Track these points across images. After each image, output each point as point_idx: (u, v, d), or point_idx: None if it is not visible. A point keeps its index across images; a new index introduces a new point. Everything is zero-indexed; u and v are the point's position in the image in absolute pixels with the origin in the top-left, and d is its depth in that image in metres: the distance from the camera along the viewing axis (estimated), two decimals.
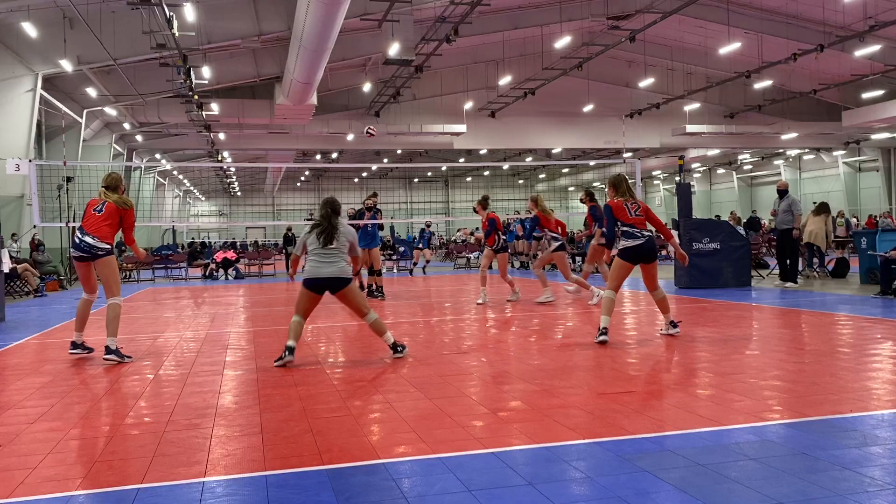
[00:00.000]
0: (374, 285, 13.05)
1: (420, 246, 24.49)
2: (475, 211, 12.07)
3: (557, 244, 10.88)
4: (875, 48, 24.68)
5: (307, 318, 6.57)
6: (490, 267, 11.83)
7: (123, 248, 24.80)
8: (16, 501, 3.12)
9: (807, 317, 8.76)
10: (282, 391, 5.20)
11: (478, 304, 11.30)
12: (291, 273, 7.22)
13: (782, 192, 13.68)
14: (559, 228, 11.24)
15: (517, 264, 22.97)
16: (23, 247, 19.07)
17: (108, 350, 6.57)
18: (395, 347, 6.52)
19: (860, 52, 24.78)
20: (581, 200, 11.90)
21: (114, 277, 6.79)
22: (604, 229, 10.05)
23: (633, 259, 7.01)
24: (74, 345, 6.97)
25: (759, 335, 7.49)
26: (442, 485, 3.18)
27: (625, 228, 7.03)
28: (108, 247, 6.71)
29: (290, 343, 6.29)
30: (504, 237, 11.87)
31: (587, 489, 3.10)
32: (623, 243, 7.02)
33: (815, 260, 15.53)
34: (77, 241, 6.79)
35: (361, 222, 12.85)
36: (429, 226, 26.01)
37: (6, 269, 11.51)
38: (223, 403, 4.86)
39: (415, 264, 23.45)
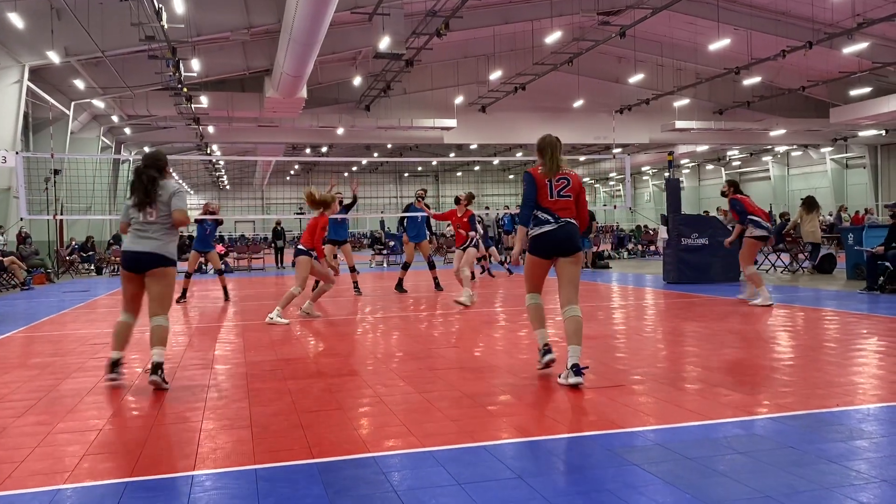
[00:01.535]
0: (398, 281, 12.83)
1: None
2: (457, 202, 11.27)
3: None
4: (863, 45, 24.83)
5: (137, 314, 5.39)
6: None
7: (111, 241, 24.67)
8: (4, 495, 3.11)
9: (794, 312, 8.82)
10: (271, 385, 5.19)
11: (464, 305, 9.94)
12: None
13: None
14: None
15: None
16: (9, 240, 18.92)
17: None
18: (155, 368, 5.06)
19: (848, 50, 24.91)
20: (722, 193, 10.38)
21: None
22: (754, 220, 9.32)
23: (544, 252, 5.17)
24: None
25: (747, 330, 7.53)
26: (431, 478, 3.18)
27: (539, 213, 5.16)
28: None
29: (117, 354, 5.17)
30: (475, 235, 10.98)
31: (576, 482, 3.11)
32: (532, 231, 5.20)
33: (803, 256, 15.64)
34: None
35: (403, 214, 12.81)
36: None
37: None
38: (212, 397, 4.85)
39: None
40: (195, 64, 22.60)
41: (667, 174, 15.60)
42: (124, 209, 5.33)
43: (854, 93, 30.97)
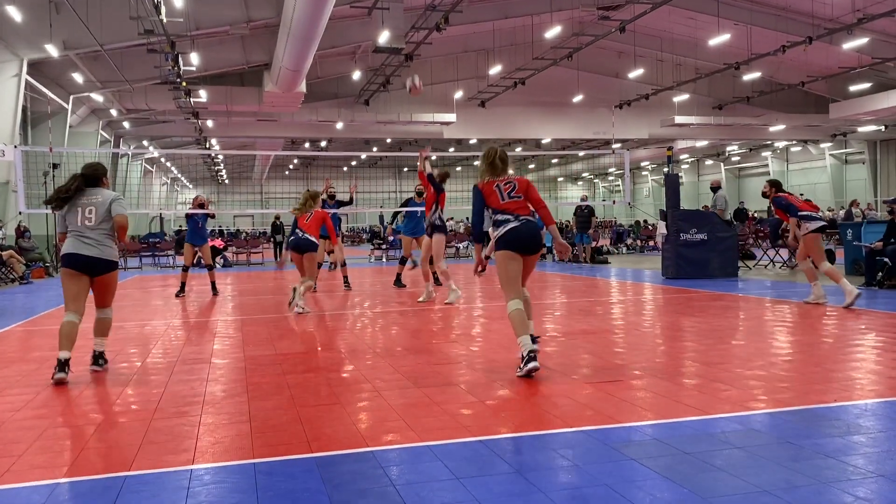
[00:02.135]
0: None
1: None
2: (430, 179, 10.28)
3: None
4: (863, 41, 24.82)
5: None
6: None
7: None
8: (2, 489, 3.11)
9: (792, 307, 8.83)
10: (270, 379, 5.19)
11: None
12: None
13: (715, 189, 15.73)
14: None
15: None
16: (8, 234, 18.91)
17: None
18: (97, 358, 5.60)
19: (848, 45, 24.91)
20: (763, 194, 9.64)
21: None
22: (798, 215, 8.58)
23: (515, 247, 5.24)
24: None
25: (745, 325, 7.55)
26: (430, 472, 3.19)
27: (494, 216, 5.34)
28: None
29: (65, 354, 5.25)
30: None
31: (574, 477, 3.12)
32: (495, 232, 5.34)
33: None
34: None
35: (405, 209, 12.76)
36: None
37: None
38: (211, 392, 4.86)
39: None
40: (194, 58, 22.56)
41: (666, 169, 15.57)
42: (60, 218, 5.54)
43: (854, 88, 30.97)
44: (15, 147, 11.55)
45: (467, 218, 39.37)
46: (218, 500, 2.94)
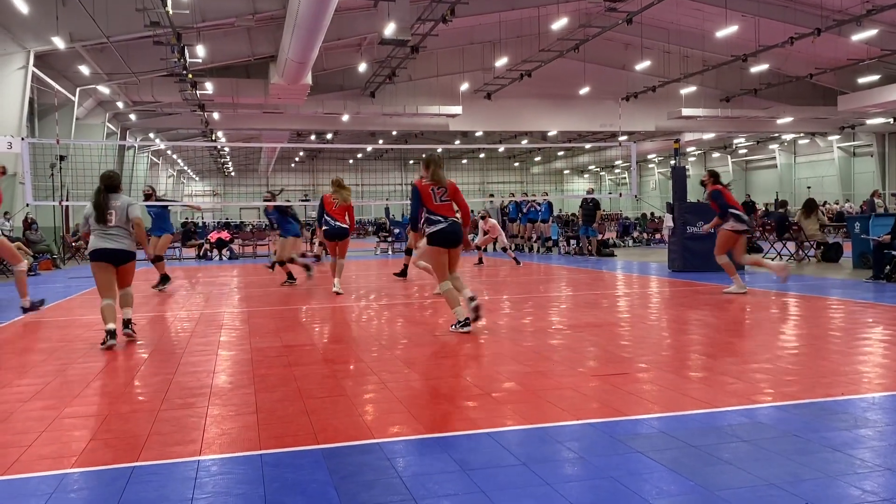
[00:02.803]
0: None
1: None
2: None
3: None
4: (872, 32, 24.66)
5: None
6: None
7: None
8: (11, 479, 3.13)
9: (799, 301, 8.80)
10: (277, 371, 5.21)
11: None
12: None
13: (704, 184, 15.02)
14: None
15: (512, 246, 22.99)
16: (15, 225, 18.97)
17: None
18: (126, 323, 6.62)
19: (857, 37, 24.73)
20: (702, 182, 10.35)
21: None
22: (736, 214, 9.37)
23: (443, 243, 6.75)
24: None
25: (751, 318, 7.53)
26: (436, 464, 3.20)
27: (428, 215, 6.76)
28: None
29: (111, 325, 6.33)
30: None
31: (580, 469, 3.12)
32: (428, 229, 6.78)
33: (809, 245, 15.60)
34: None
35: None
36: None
37: None
38: (218, 383, 4.87)
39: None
40: (200, 50, 22.57)
41: (673, 162, 15.55)
42: (84, 219, 6.76)
43: (862, 80, 30.77)
44: (22, 139, 11.56)
45: (475, 211, 39.41)
46: (225, 491, 2.95)
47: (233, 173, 65.41)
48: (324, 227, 10.61)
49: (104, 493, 2.97)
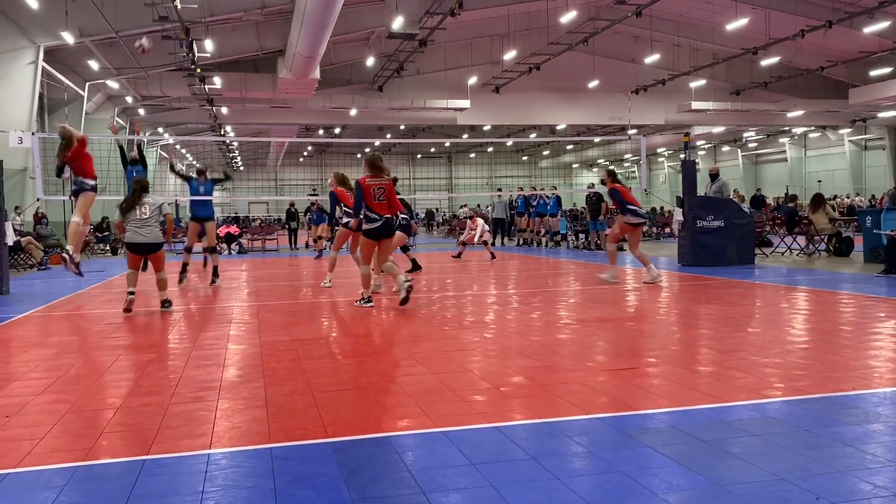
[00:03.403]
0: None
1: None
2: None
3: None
4: (884, 24, 24.40)
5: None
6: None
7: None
8: (24, 471, 3.16)
9: (809, 295, 8.76)
10: (286, 365, 5.22)
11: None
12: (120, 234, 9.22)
13: (714, 176, 14.95)
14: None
15: (520, 241, 22.97)
16: (26, 220, 19.07)
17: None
18: (164, 303, 8.34)
19: (869, 29, 24.49)
20: (602, 182, 11.34)
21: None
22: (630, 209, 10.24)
23: (375, 237, 8.08)
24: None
25: (762, 313, 7.49)
26: (445, 458, 3.20)
27: (366, 212, 7.92)
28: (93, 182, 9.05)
29: (132, 289, 8.19)
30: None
31: (590, 464, 3.12)
32: (365, 226, 7.98)
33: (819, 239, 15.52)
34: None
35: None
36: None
37: (10, 242, 11.52)
38: (227, 377, 4.89)
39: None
40: (208, 44, 22.58)
41: (682, 156, 15.47)
42: (119, 214, 8.41)
43: (874, 73, 30.48)
44: (33, 134, 11.60)
45: (479, 205, 39.35)
46: (234, 485, 2.96)
47: (241, 168, 65.52)
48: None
49: (115, 485, 2.98)
